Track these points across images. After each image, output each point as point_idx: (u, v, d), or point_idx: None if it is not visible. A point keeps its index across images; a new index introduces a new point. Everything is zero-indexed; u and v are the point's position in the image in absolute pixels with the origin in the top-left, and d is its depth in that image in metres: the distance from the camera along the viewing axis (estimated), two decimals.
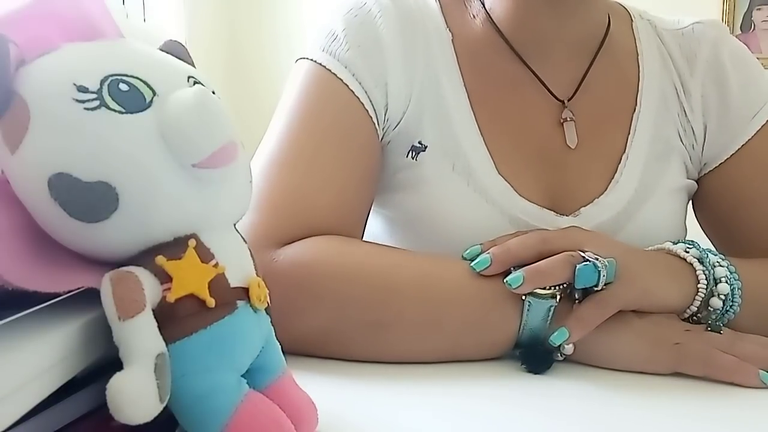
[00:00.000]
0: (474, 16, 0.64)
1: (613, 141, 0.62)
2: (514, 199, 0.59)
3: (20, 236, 0.27)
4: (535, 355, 0.47)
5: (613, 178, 0.61)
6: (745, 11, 2.91)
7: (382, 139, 0.60)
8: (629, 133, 0.62)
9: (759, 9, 2.91)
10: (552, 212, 0.59)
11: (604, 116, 0.63)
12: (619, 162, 0.62)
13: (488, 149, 0.59)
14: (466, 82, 0.60)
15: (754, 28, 2.90)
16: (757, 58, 0.68)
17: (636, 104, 0.63)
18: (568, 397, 0.43)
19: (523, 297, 0.46)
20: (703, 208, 0.67)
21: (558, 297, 0.46)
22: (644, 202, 0.61)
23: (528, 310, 0.46)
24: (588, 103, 0.62)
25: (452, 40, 0.61)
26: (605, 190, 0.61)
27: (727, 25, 2.87)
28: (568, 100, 0.62)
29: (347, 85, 0.57)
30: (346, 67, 0.57)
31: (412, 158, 0.59)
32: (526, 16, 0.61)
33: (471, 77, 0.61)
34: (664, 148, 0.63)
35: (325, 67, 0.58)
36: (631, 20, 0.67)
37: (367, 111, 0.57)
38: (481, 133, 0.59)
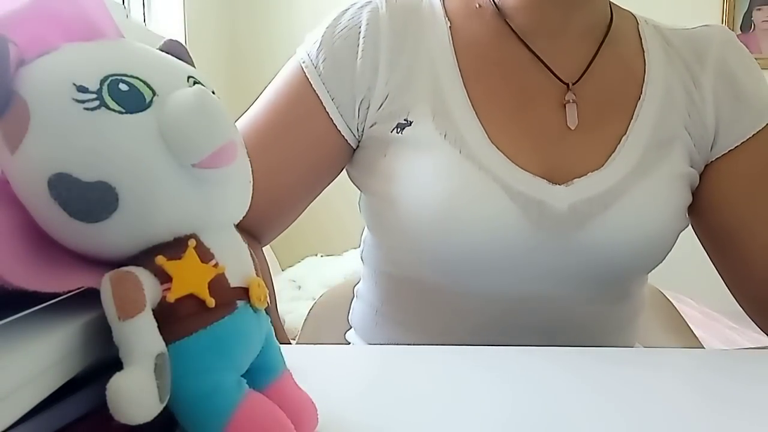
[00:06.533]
0: (479, 5, 0.68)
1: (615, 125, 0.65)
2: (507, 166, 0.60)
3: (20, 236, 0.27)
4: None
5: (611, 156, 0.63)
6: (745, 11, 2.91)
7: (364, 124, 0.64)
8: (632, 119, 0.65)
9: (759, 9, 2.91)
10: (545, 180, 0.61)
11: (609, 101, 0.66)
12: (619, 143, 0.64)
13: (481, 122, 0.62)
14: (460, 64, 0.64)
15: (754, 28, 2.90)
16: (757, 59, 0.70)
17: (641, 93, 0.66)
18: (570, 401, 0.43)
19: None
20: (704, 202, 0.68)
21: None
22: (639, 182, 0.62)
23: None
24: (593, 87, 0.65)
25: (450, 27, 0.66)
26: (602, 166, 0.62)
27: (727, 25, 2.88)
28: (574, 84, 0.65)
29: (315, 91, 0.64)
30: (319, 76, 0.64)
31: (398, 132, 0.63)
32: (534, 6, 0.65)
33: (466, 59, 0.65)
34: (668, 137, 0.65)
35: (302, 68, 0.65)
36: (637, 23, 0.71)
37: (327, 113, 0.64)
38: (474, 108, 0.62)
